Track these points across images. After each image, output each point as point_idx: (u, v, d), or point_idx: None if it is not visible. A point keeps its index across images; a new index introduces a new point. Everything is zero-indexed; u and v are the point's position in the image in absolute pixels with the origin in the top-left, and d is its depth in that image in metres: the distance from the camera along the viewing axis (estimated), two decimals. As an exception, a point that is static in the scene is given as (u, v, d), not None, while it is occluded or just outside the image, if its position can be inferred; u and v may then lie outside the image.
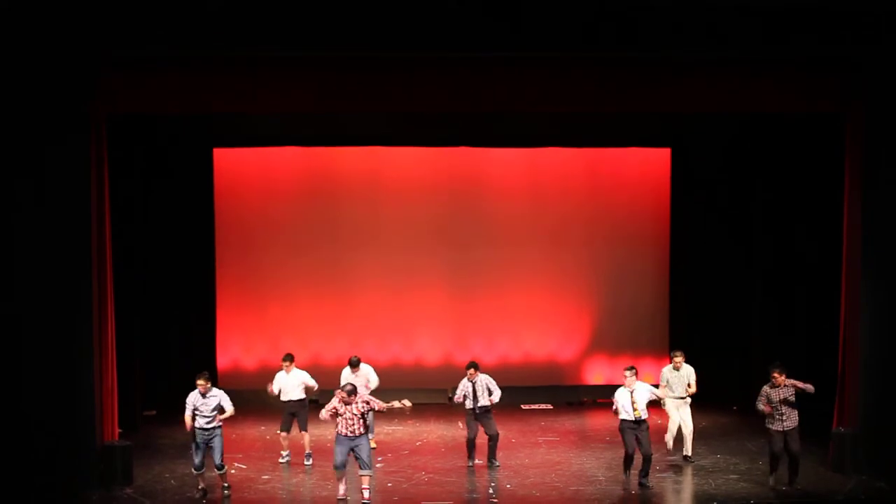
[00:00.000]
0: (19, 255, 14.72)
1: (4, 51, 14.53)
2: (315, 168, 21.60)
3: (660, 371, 16.77)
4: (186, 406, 14.53)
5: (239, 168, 21.38)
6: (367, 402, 14.50)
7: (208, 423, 14.50)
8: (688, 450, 16.66)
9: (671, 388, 16.52)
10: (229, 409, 14.67)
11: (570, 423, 20.03)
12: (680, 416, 16.59)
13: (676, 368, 16.53)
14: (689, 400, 16.62)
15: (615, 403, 15.17)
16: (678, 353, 16.67)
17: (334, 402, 14.40)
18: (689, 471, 16.13)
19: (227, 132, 20.53)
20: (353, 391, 14.39)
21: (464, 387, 16.27)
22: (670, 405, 16.63)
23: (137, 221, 19.42)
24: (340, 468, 14.50)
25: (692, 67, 15.96)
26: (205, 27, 14.96)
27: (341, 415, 14.34)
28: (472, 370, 16.28)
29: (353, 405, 14.33)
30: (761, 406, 14.87)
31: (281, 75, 15.81)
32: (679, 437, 16.73)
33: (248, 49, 15.26)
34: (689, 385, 16.48)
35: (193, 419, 14.48)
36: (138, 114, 17.20)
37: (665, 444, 16.80)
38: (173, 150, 20.47)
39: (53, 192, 14.88)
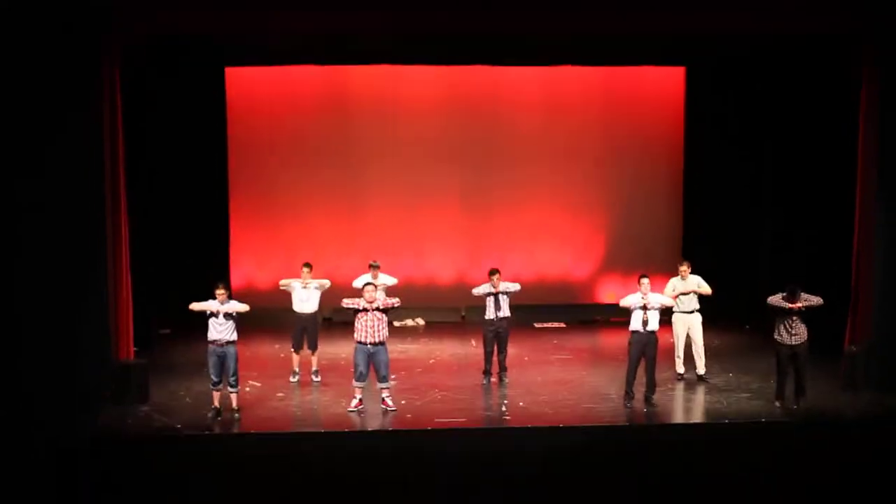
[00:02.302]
0: (29, 172, 14.69)
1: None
2: (328, 86, 21.53)
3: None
4: (204, 304, 14.61)
5: (251, 87, 21.32)
6: (388, 300, 14.96)
7: (223, 333, 14.57)
8: (700, 368, 16.61)
9: (679, 301, 16.48)
10: (244, 307, 14.73)
11: (582, 341, 20.12)
12: (690, 334, 16.60)
13: (683, 278, 16.51)
14: (698, 315, 16.58)
15: (625, 303, 15.15)
16: (685, 263, 16.61)
17: (358, 299, 14.76)
18: (700, 389, 16.19)
19: (239, 51, 20.36)
20: (375, 288, 14.88)
21: (487, 289, 16.25)
22: (677, 323, 16.58)
23: (150, 142, 19.39)
24: (362, 380, 14.69)
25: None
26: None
27: (363, 312, 14.56)
28: (496, 276, 16.24)
29: (376, 303, 14.62)
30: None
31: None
32: (689, 355, 16.73)
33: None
34: (698, 287, 16.38)
35: (207, 319, 14.56)
36: (150, 36, 17.08)
37: (675, 366, 16.77)
38: (185, 69, 20.31)
39: (68, 114, 14.79)
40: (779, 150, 20.69)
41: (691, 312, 16.52)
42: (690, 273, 16.50)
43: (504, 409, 15.22)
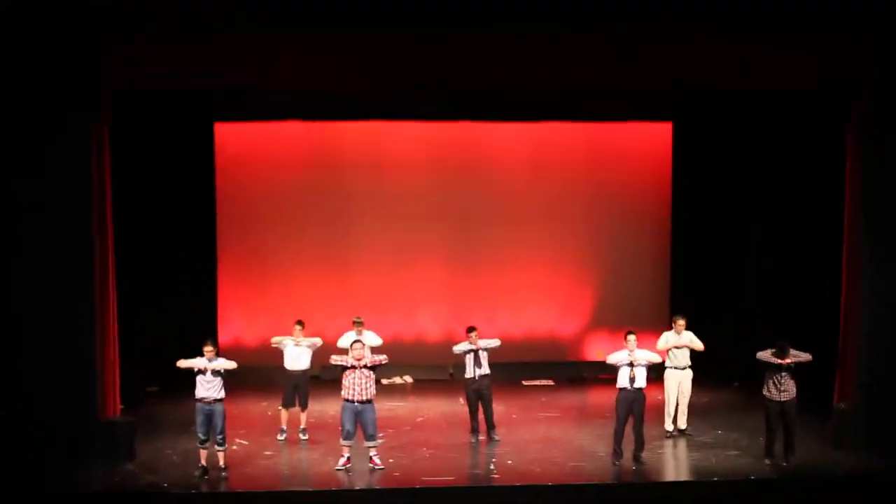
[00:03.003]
0: (20, 231, 14.72)
1: (9, 26, 14.48)
2: (316, 142, 21.66)
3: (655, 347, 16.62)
4: (192, 361, 14.57)
5: (240, 142, 21.40)
6: (376, 358, 14.94)
7: (211, 391, 14.51)
8: (683, 423, 16.67)
9: (673, 356, 16.50)
10: (232, 364, 14.70)
11: (570, 398, 20.09)
12: (680, 389, 16.57)
13: (677, 332, 16.50)
14: (690, 372, 16.60)
15: (612, 360, 15.11)
16: (680, 317, 16.63)
17: (346, 357, 14.78)
18: (688, 446, 16.17)
19: (228, 107, 20.47)
20: (363, 346, 14.94)
21: (467, 348, 16.24)
22: (670, 379, 16.59)
23: (139, 197, 19.48)
24: (349, 438, 14.66)
25: (691, 40, 15.88)
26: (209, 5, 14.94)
27: (351, 370, 14.58)
28: (474, 333, 16.23)
29: (364, 360, 14.64)
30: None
31: (289, 53, 15.77)
32: (677, 413, 16.73)
33: (253, 26, 15.19)
34: (690, 342, 16.39)
35: (195, 376, 14.51)
36: (139, 90, 17.17)
37: (664, 423, 16.74)
38: (174, 124, 20.39)
39: (55, 168, 14.86)
40: (768, 207, 20.79)
41: (684, 368, 16.54)
42: (685, 330, 16.55)
43: (492, 467, 15.16)
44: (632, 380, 14.91)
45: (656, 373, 16.19)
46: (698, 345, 16.47)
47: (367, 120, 21.17)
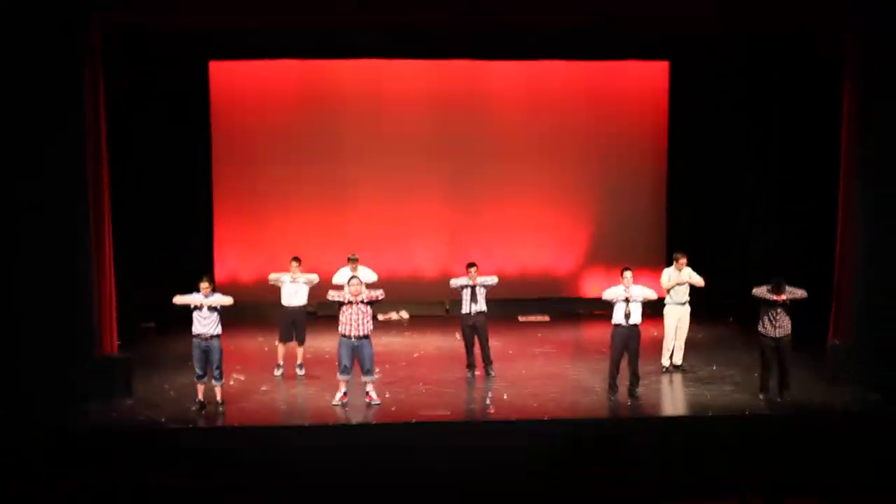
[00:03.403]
0: (16, 171, 14.68)
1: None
2: (312, 81, 21.53)
3: (654, 285, 16.60)
4: (188, 297, 14.60)
5: (235, 81, 21.27)
6: (373, 293, 14.91)
7: (207, 326, 14.55)
8: (679, 358, 16.77)
9: (674, 292, 16.56)
10: (228, 300, 14.74)
11: (566, 334, 20.18)
12: (678, 324, 16.65)
13: (678, 269, 16.53)
14: (688, 307, 16.67)
15: (608, 296, 15.15)
16: (681, 254, 16.66)
17: (343, 292, 14.79)
18: (683, 381, 16.25)
19: (223, 45, 20.27)
20: (360, 282, 14.92)
21: (464, 282, 16.27)
22: (670, 315, 16.65)
23: (134, 137, 19.41)
24: (346, 373, 14.71)
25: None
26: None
27: (347, 305, 14.60)
28: (474, 269, 16.25)
29: (361, 296, 14.64)
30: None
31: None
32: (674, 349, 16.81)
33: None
34: (689, 278, 16.43)
35: (192, 313, 14.56)
36: (132, 30, 17.06)
37: (661, 358, 16.84)
38: (169, 63, 20.20)
39: (49, 110, 14.78)
40: (763, 145, 20.77)
41: (683, 304, 16.59)
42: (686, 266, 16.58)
43: (488, 402, 15.23)
44: (627, 316, 14.94)
45: (655, 308, 16.22)
46: (698, 280, 16.49)
47: (363, 58, 20.98)
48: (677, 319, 16.63)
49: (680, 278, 16.51)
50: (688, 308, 16.69)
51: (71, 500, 12.72)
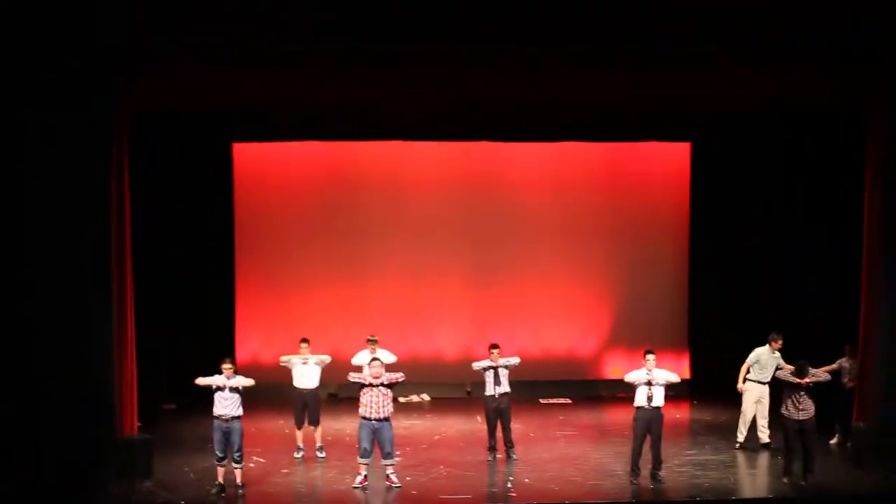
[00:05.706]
0: (38, 250, 14.75)
1: (36, 45, 14.50)
2: (335, 162, 21.70)
3: (677, 368, 16.59)
4: (210, 378, 14.61)
5: (259, 162, 21.46)
6: (393, 376, 14.91)
7: (228, 408, 14.54)
8: (765, 437, 16.86)
9: (761, 369, 16.59)
10: (250, 381, 14.72)
11: (588, 417, 20.04)
12: (761, 401, 16.70)
13: (772, 351, 16.60)
14: (768, 387, 16.71)
15: (630, 378, 15.09)
16: (778, 336, 16.73)
17: (364, 374, 14.86)
18: (707, 464, 16.09)
19: (247, 127, 20.56)
20: (381, 364, 14.93)
21: (487, 364, 16.25)
22: (752, 392, 16.72)
23: (158, 216, 19.55)
24: (366, 456, 14.67)
25: (713, 61, 15.85)
26: (230, 21, 14.92)
27: (368, 387, 14.62)
28: (496, 350, 16.24)
29: (381, 378, 14.67)
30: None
31: (305, 70, 15.78)
32: (752, 425, 16.90)
33: (275, 44, 15.18)
34: (779, 367, 16.31)
35: (213, 394, 14.55)
36: (159, 111, 17.28)
37: (737, 435, 17.01)
38: (194, 145, 20.49)
39: (75, 188, 14.88)
40: (786, 225, 20.73)
41: (765, 384, 16.64)
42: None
43: (509, 485, 15.12)
44: (650, 398, 14.88)
45: (675, 391, 16.15)
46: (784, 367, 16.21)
47: (385, 140, 21.22)
48: (758, 397, 16.67)
49: (773, 361, 16.54)
50: (768, 387, 16.72)
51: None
